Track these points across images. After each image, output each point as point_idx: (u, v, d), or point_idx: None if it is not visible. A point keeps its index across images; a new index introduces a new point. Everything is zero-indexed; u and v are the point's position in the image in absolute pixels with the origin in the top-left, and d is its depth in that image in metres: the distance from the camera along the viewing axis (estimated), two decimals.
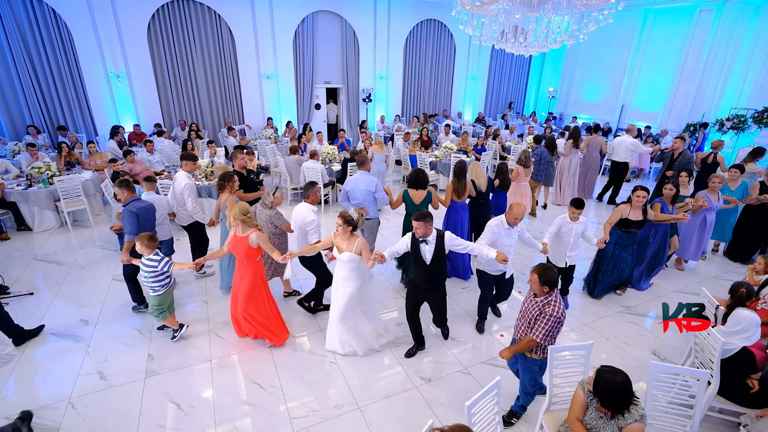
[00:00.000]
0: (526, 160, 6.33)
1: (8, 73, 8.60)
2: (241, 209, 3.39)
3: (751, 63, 9.81)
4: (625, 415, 2.11)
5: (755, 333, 2.87)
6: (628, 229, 4.37)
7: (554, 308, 2.59)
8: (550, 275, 2.58)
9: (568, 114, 14.40)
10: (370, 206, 4.68)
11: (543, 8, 5.45)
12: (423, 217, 3.23)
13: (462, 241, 3.38)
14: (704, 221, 5.20)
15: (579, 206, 4.01)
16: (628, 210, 4.33)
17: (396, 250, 3.43)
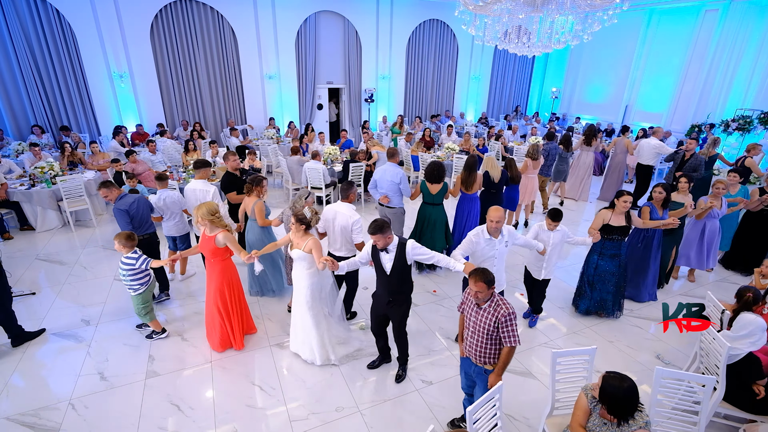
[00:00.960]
0: (534, 153, 6.49)
1: (12, 73, 8.63)
2: (208, 209, 3.41)
3: (757, 63, 9.72)
4: (629, 421, 2.07)
5: (761, 338, 2.83)
6: (611, 236, 4.02)
7: (506, 307, 2.46)
8: (490, 275, 2.44)
9: (572, 114, 14.33)
10: (394, 196, 4.92)
11: (547, 8, 5.41)
12: (379, 229, 2.95)
13: (426, 250, 3.09)
14: (704, 229, 4.88)
15: (556, 218, 3.74)
16: (609, 215, 4.02)
17: (357, 260, 3.21)
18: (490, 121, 14.12)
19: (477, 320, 2.54)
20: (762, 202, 5.01)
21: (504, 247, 3.34)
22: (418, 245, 3.09)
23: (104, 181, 4.09)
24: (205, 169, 4.60)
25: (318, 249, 3.27)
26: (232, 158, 5.01)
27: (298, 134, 10.24)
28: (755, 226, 5.29)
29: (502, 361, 2.52)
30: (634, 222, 4.06)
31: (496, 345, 2.53)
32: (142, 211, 4.18)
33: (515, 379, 3.56)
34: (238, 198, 4.83)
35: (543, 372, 3.62)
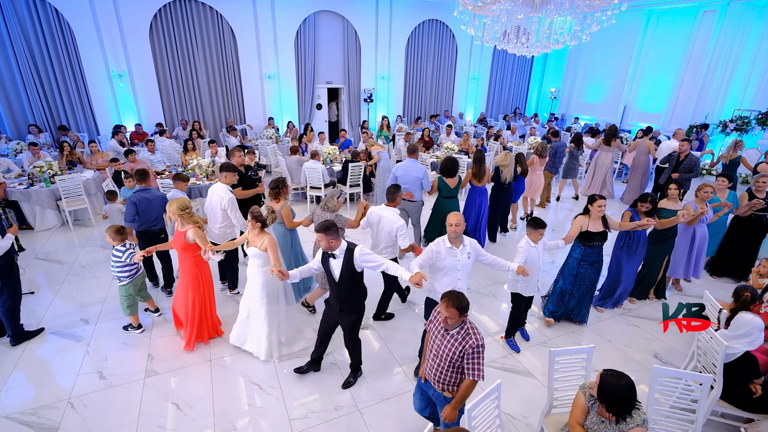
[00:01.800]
0: (542, 150, 6.64)
1: (11, 72, 8.62)
2: (179, 205, 3.50)
3: (755, 64, 9.76)
4: (627, 419, 2.09)
5: (758, 337, 2.85)
6: (591, 243, 3.85)
7: (477, 337, 2.25)
8: (465, 301, 2.23)
9: (570, 115, 14.36)
10: (416, 191, 5.16)
11: (545, 8, 5.43)
12: (324, 228, 2.85)
13: (376, 257, 2.95)
14: (694, 236, 4.62)
15: (539, 226, 3.49)
16: (586, 222, 3.84)
17: (311, 266, 3.13)
18: (489, 122, 14.14)
19: (442, 345, 2.33)
20: (751, 207, 4.80)
21: (467, 259, 3.10)
22: (368, 252, 2.96)
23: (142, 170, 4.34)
24: (231, 173, 4.36)
25: (273, 248, 3.30)
26: (237, 154, 5.10)
27: (297, 134, 10.24)
28: (743, 231, 5.05)
29: (460, 393, 2.31)
30: (610, 225, 3.89)
31: (458, 374, 2.34)
32: (150, 206, 4.28)
33: (514, 378, 3.57)
34: (243, 194, 4.88)
35: (541, 371, 3.63)
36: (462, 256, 3.07)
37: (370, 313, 4.37)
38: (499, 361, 3.77)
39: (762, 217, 4.91)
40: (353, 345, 3.31)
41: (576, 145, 7.76)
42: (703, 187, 4.40)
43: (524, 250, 3.47)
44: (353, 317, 3.16)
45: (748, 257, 5.12)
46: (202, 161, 7.03)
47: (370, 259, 2.93)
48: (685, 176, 6.28)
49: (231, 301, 4.59)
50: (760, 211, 4.86)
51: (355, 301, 3.14)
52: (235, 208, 4.29)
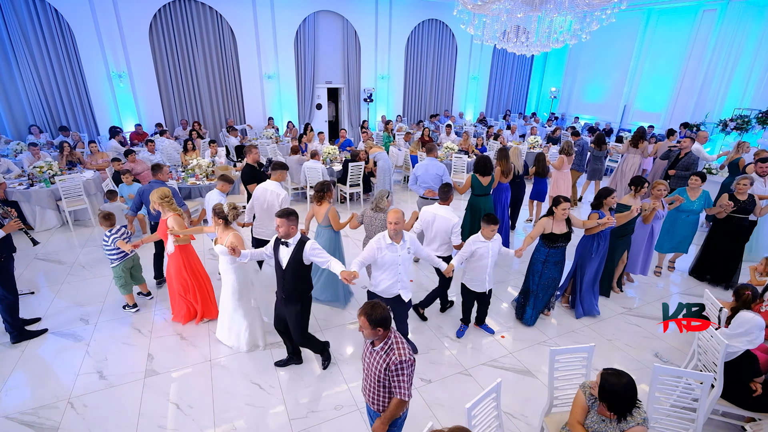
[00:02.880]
0: (569, 148, 6.76)
1: (11, 73, 8.62)
2: (159, 194, 3.80)
3: (755, 63, 9.75)
4: (627, 418, 2.08)
5: (758, 336, 2.84)
6: (555, 244, 3.85)
7: (401, 353, 2.10)
8: (380, 313, 2.09)
9: (570, 114, 14.36)
10: (436, 187, 5.20)
11: (545, 7, 5.42)
12: (287, 214, 2.98)
13: (323, 254, 3.04)
14: (651, 232, 4.67)
15: (494, 222, 3.52)
16: (550, 224, 3.82)
17: (263, 251, 3.24)
18: (489, 121, 14.14)
19: (369, 361, 2.23)
20: (724, 209, 4.64)
21: (407, 253, 3.18)
22: (318, 247, 3.04)
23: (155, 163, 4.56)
24: (282, 171, 4.48)
25: (239, 243, 3.37)
26: (254, 151, 5.27)
27: (297, 134, 10.24)
28: (723, 234, 4.91)
29: (389, 410, 2.19)
30: (574, 224, 3.88)
31: (387, 392, 2.20)
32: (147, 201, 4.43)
33: (514, 377, 3.57)
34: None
35: (541, 370, 3.63)
36: (402, 251, 3.17)
37: None
38: (499, 360, 3.77)
39: (743, 220, 4.76)
40: (302, 338, 3.36)
41: (597, 145, 7.65)
42: (657, 185, 4.43)
43: (467, 247, 3.59)
44: (296, 308, 3.21)
45: (731, 261, 4.96)
46: (202, 161, 7.03)
47: (318, 254, 3.04)
48: (681, 174, 6.26)
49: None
50: (741, 214, 4.69)
51: (300, 292, 3.19)
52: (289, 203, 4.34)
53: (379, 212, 4.06)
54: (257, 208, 4.43)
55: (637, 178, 4.35)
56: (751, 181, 4.67)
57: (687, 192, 4.83)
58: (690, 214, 4.92)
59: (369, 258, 3.13)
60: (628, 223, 4.30)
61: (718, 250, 4.99)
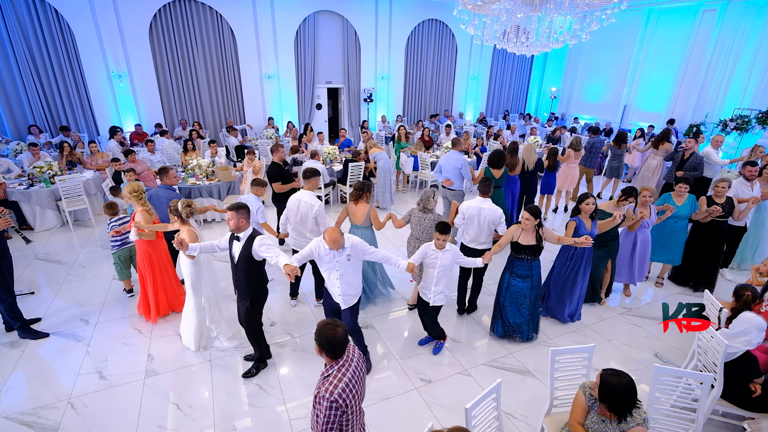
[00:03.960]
0: (576, 144, 7.06)
1: (11, 73, 8.62)
2: (129, 189, 3.96)
3: (755, 63, 9.75)
4: (627, 418, 2.08)
5: (757, 336, 2.84)
6: (519, 255, 3.66)
7: (325, 388, 1.85)
8: (326, 334, 1.89)
9: (570, 114, 14.36)
10: (456, 179, 5.70)
11: (545, 8, 5.42)
12: (237, 207, 3.03)
13: (272, 249, 3.02)
14: (635, 241, 4.49)
15: (443, 231, 3.33)
16: (519, 233, 3.63)
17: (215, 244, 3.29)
18: (489, 121, 14.13)
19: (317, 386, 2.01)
20: (710, 213, 4.49)
21: (346, 260, 3.13)
22: (268, 243, 3.05)
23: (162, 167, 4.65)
24: (315, 178, 4.28)
25: (190, 237, 3.44)
26: (280, 150, 5.43)
27: (297, 134, 10.24)
28: (704, 238, 4.79)
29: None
30: (547, 239, 3.64)
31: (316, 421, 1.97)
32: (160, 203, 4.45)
33: (514, 377, 3.57)
34: (282, 187, 5.26)
35: (541, 370, 3.63)
36: (341, 258, 3.12)
37: (371, 313, 4.38)
38: (499, 360, 3.77)
39: (720, 224, 4.67)
40: (250, 333, 3.37)
41: (616, 144, 7.68)
42: (643, 191, 4.25)
43: (421, 249, 3.47)
44: (246, 302, 3.24)
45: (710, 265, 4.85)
46: (202, 161, 7.04)
47: (267, 250, 3.02)
48: (690, 174, 6.24)
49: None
50: (719, 218, 4.61)
51: (251, 287, 3.21)
52: (324, 215, 4.18)
53: (427, 213, 4.03)
54: (292, 218, 4.27)
55: (629, 189, 4.20)
56: (729, 183, 4.60)
57: (673, 198, 4.66)
58: (678, 219, 4.71)
59: (307, 255, 3.18)
60: (609, 231, 4.13)
61: (696, 254, 4.85)
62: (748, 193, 4.92)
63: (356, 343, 3.48)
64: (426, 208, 4.04)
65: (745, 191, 4.95)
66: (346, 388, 1.87)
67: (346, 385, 1.88)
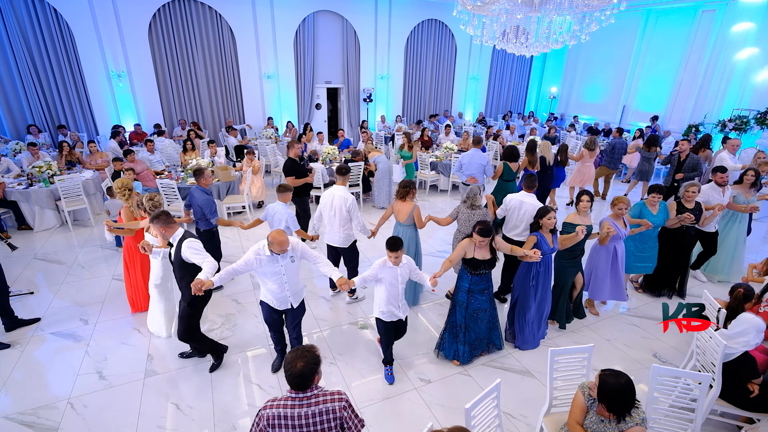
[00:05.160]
0: (591, 144, 7.27)
1: (10, 73, 8.60)
2: (117, 185, 4.11)
3: (754, 63, 9.77)
4: (626, 418, 2.09)
5: (755, 337, 2.83)
6: (478, 271, 3.42)
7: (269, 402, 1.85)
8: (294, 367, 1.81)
9: (569, 114, 14.38)
10: (479, 176, 6.03)
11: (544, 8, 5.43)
12: (153, 218, 3.11)
13: (200, 255, 3.02)
14: (615, 254, 4.16)
15: (393, 248, 3.10)
16: (472, 248, 3.39)
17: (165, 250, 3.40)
18: (488, 121, 14.15)
19: None
20: (681, 221, 4.33)
21: (290, 262, 3.12)
22: (195, 247, 3.06)
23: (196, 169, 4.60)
24: (346, 175, 4.42)
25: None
26: (296, 146, 5.60)
27: (296, 134, 10.24)
28: (672, 244, 4.60)
29: None
30: (500, 249, 3.49)
31: None
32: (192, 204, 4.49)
33: (513, 377, 3.58)
34: (296, 182, 5.46)
35: (541, 370, 3.64)
36: (284, 261, 3.09)
37: (371, 313, 4.38)
38: (498, 360, 3.78)
39: (688, 229, 4.51)
40: (184, 332, 3.32)
41: (647, 147, 7.60)
42: (618, 202, 3.96)
43: (376, 267, 3.21)
44: (184, 303, 3.26)
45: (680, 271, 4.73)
46: (202, 161, 7.03)
47: (194, 253, 3.06)
48: (689, 175, 6.23)
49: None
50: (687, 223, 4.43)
51: (186, 291, 3.19)
52: (357, 209, 4.27)
53: (474, 209, 4.11)
54: (325, 214, 4.31)
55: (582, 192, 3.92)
56: (699, 188, 4.46)
57: (647, 206, 4.43)
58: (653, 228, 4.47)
59: (244, 267, 3.03)
60: (577, 244, 3.87)
61: (665, 261, 4.67)
62: (718, 199, 4.75)
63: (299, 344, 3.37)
64: (474, 205, 4.16)
65: (715, 197, 4.78)
66: (276, 419, 1.81)
67: (279, 417, 1.81)
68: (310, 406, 1.83)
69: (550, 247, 3.62)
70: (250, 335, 4.02)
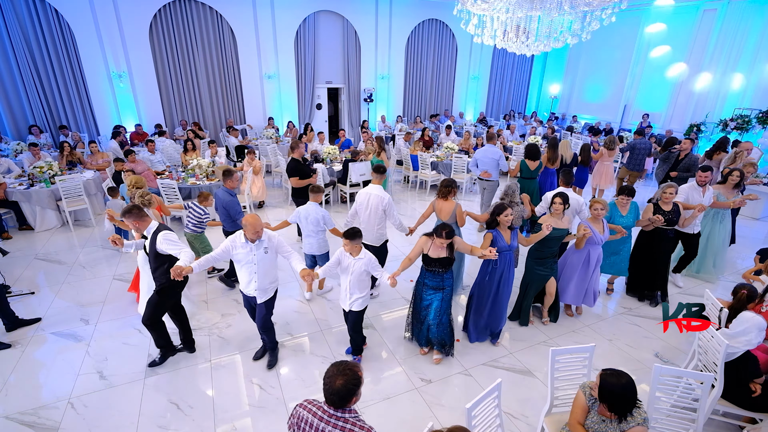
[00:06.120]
0: (610, 143, 7.36)
1: (11, 73, 8.62)
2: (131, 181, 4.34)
3: (756, 62, 9.75)
4: (627, 418, 2.08)
5: (757, 336, 2.83)
6: (429, 267, 3.41)
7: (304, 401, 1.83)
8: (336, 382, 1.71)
9: (570, 114, 14.36)
10: (492, 171, 6.22)
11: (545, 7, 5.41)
12: (124, 212, 3.17)
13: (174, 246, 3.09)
14: (587, 258, 4.02)
15: (351, 237, 3.12)
16: (429, 244, 3.36)
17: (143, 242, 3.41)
18: (489, 121, 14.13)
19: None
20: (652, 222, 4.21)
21: (264, 253, 3.16)
22: (170, 239, 3.16)
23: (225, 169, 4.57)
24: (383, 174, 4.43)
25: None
26: (300, 146, 5.68)
27: (297, 134, 10.24)
28: (650, 246, 4.49)
29: None
30: (459, 249, 3.41)
31: None
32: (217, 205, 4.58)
33: (514, 377, 3.57)
34: (300, 182, 5.48)
35: (542, 370, 3.63)
36: (258, 251, 3.17)
37: (371, 313, 4.37)
38: (499, 360, 3.77)
39: (666, 232, 4.39)
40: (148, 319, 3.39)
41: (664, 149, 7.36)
42: (594, 204, 3.86)
43: (337, 256, 3.25)
44: (153, 293, 3.37)
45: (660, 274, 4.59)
46: (202, 161, 7.04)
47: (168, 246, 3.13)
48: (683, 175, 6.23)
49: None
50: (666, 225, 4.33)
51: (158, 279, 3.30)
52: (394, 207, 4.32)
53: (513, 206, 3.99)
54: (361, 212, 4.33)
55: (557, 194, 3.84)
56: (676, 189, 4.29)
57: (617, 207, 4.31)
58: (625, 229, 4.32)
59: (222, 255, 3.18)
60: (546, 246, 3.81)
61: (644, 264, 4.58)
62: (699, 199, 4.62)
63: (267, 341, 3.58)
64: (512, 202, 4.26)
65: (696, 197, 4.65)
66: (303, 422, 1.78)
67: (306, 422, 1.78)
68: (336, 427, 1.72)
69: (507, 244, 3.56)
70: (250, 335, 4.01)
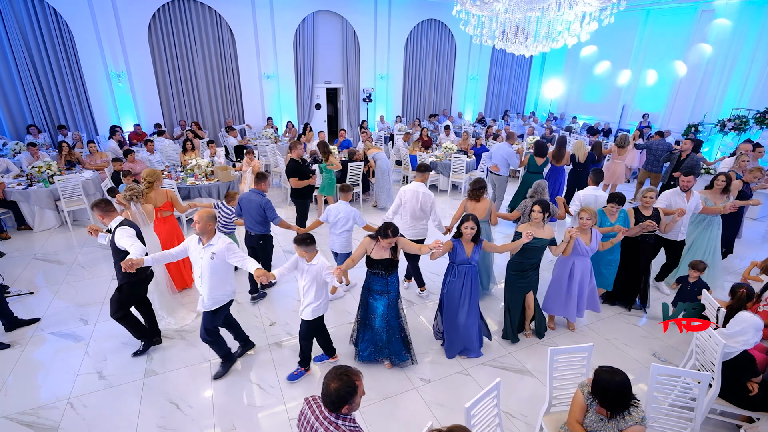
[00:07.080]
0: (621, 141, 7.47)
1: (9, 73, 8.60)
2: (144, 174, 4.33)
3: (753, 63, 9.78)
4: (625, 417, 2.10)
5: (754, 336, 2.84)
6: (372, 270, 3.29)
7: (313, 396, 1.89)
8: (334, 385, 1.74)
9: (569, 114, 14.39)
10: (501, 166, 6.71)
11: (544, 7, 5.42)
12: (93, 205, 3.30)
13: (128, 241, 3.12)
14: (572, 271, 3.82)
15: (300, 243, 3.00)
16: (372, 246, 3.22)
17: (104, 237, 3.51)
18: (487, 121, 14.15)
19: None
20: (642, 229, 4.10)
21: (209, 259, 3.02)
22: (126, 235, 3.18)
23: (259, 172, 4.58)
24: (428, 172, 4.64)
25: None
26: (299, 147, 5.68)
27: (296, 134, 10.24)
28: (630, 253, 4.37)
29: None
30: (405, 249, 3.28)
31: None
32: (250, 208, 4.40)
33: (513, 376, 3.58)
34: (299, 183, 5.52)
35: (540, 370, 3.64)
36: (205, 255, 3.06)
37: None
38: (498, 359, 3.78)
39: (647, 238, 4.31)
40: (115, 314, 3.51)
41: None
42: (581, 212, 3.68)
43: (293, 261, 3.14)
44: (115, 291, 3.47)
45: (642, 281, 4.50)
46: (201, 161, 7.03)
47: (121, 239, 3.19)
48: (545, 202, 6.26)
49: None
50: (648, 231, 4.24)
51: (123, 276, 3.36)
52: (435, 204, 4.54)
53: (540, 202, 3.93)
54: (408, 208, 4.46)
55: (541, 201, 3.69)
56: (656, 193, 4.21)
57: (606, 215, 4.18)
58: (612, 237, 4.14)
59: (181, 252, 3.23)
60: (526, 257, 3.68)
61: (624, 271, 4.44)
62: (681, 204, 4.47)
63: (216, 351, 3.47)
64: (541, 198, 4.35)
65: (678, 202, 4.51)
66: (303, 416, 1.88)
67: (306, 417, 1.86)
68: (327, 430, 1.75)
69: (467, 257, 3.40)
70: (250, 335, 4.01)
